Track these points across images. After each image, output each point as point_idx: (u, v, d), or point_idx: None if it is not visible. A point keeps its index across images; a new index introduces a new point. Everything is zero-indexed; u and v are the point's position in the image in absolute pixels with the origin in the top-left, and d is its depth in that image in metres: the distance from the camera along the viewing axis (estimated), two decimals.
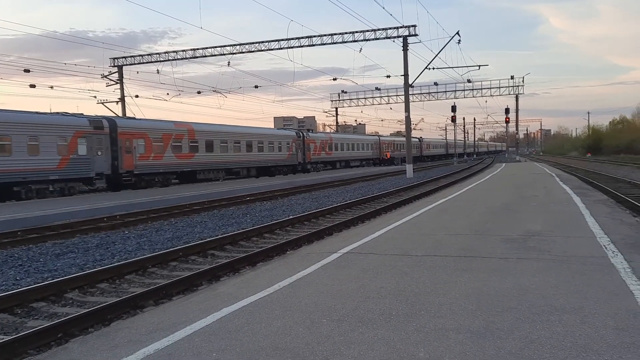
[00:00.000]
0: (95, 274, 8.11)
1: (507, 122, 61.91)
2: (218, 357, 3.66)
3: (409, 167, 35.50)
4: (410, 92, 36.73)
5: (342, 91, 59.49)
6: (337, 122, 64.72)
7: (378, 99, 57.09)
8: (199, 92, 43.45)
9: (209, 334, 4.17)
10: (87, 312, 6.17)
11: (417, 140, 76.00)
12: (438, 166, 59.29)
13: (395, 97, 55.44)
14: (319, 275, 6.06)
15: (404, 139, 69.71)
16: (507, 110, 58.74)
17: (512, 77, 54.81)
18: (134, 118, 29.38)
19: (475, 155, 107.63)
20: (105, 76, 40.05)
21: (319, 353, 3.65)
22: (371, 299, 4.92)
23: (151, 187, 26.93)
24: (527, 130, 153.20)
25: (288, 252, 9.28)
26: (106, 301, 6.85)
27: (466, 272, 5.86)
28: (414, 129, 79.55)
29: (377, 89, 55.90)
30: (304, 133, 44.22)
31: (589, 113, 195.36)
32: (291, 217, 14.57)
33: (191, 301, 5.35)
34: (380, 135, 67.76)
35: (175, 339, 4.10)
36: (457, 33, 34.51)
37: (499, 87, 53.44)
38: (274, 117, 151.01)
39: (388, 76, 58.15)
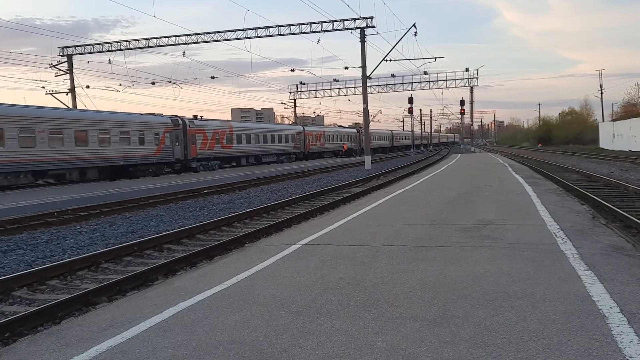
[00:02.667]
0: (45, 270, 7.83)
1: (462, 113, 63.33)
2: (174, 353, 3.58)
3: (367, 159, 35.80)
4: (368, 84, 36.98)
5: (301, 82, 59.28)
6: (295, 114, 64.54)
7: (336, 91, 57.23)
8: (153, 83, 42.54)
9: (164, 329, 4.08)
10: (36, 311, 5.95)
11: (354, 131, 68.53)
12: (396, 157, 59.88)
13: (353, 88, 55.67)
14: (277, 267, 6.02)
15: (337, 129, 65.01)
16: (462, 102, 60.04)
17: (467, 70, 55.34)
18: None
19: (431, 147, 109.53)
20: (54, 66, 38.60)
21: (277, 345, 3.62)
22: (330, 290, 4.92)
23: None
24: (481, 121, 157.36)
25: (246, 244, 9.21)
26: (56, 299, 6.63)
27: (423, 261, 5.94)
28: (372, 120, 79.99)
29: (335, 80, 56.02)
30: (186, 120, 33.07)
31: (539, 105, 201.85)
32: (249, 209, 14.45)
33: (146, 296, 5.23)
34: (307, 125, 58.70)
35: (129, 335, 3.99)
36: (414, 25, 34.97)
37: (455, 79, 54.40)
38: (232, 109, 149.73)
39: (346, 68, 58.33)
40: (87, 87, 40.74)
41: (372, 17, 34.20)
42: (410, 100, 53.46)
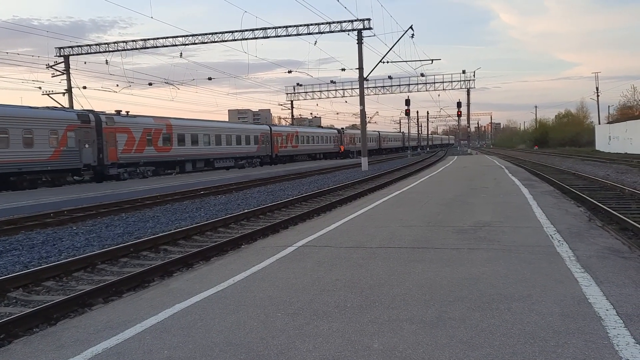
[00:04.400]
0: (40, 271, 7.80)
1: (459, 115, 63.31)
2: (170, 355, 3.57)
3: (364, 160, 35.81)
4: (365, 86, 36.94)
5: (298, 84, 59.25)
6: (292, 115, 64.56)
7: (333, 92, 57.26)
8: (150, 84, 42.38)
9: (160, 331, 4.07)
10: (32, 312, 5.93)
11: (335, 132, 63.60)
12: (393, 159, 59.85)
13: (350, 90, 55.69)
14: (273, 269, 6.01)
15: (314, 129, 59.27)
16: (459, 104, 59.98)
17: (463, 72, 55.22)
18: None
19: (428, 149, 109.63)
20: (51, 66, 38.48)
21: (273, 347, 3.61)
22: (326, 292, 4.92)
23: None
24: (478, 123, 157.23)
25: (243, 246, 9.19)
26: (52, 300, 6.60)
27: (419, 263, 5.94)
28: (369, 122, 79.97)
29: (332, 82, 55.98)
30: (102, 116, 27.07)
31: (536, 107, 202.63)
32: (246, 210, 14.43)
33: (142, 298, 5.21)
34: (274, 125, 52.41)
35: (125, 337, 3.97)
36: (411, 27, 34.95)
37: (451, 81, 54.52)
38: (229, 110, 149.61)
39: (343, 69, 58.72)
40: (84, 87, 40.89)
41: (369, 19, 34.24)
42: (407, 102, 53.36)
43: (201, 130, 35.25)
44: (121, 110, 29.68)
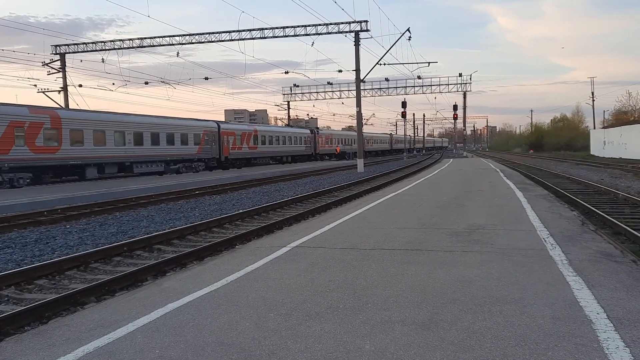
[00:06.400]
0: (33, 270, 7.78)
1: (455, 118, 63.48)
2: (161, 354, 3.57)
3: (359, 162, 35.83)
4: (361, 87, 36.98)
5: (295, 85, 59.17)
6: (289, 116, 64.54)
7: (330, 94, 57.27)
8: (146, 83, 42.25)
9: (152, 330, 4.06)
10: (23, 310, 5.91)
11: (307, 132, 56.66)
12: (388, 161, 59.90)
13: (347, 91, 55.76)
14: (267, 269, 6.01)
15: (281, 129, 51.86)
16: (455, 107, 60.17)
17: (460, 75, 55.30)
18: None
19: (424, 151, 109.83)
20: (47, 64, 38.35)
21: (265, 347, 3.61)
22: (319, 293, 4.92)
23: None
24: (474, 126, 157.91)
25: (237, 246, 9.19)
26: (44, 298, 6.58)
27: (413, 265, 5.95)
28: (365, 124, 79.91)
29: (329, 83, 55.93)
30: None
31: (532, 111, 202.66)
32: (241, 211, 14.42)
33: (135, 297, 5.20)
34: (224, 122, 42.60)
35: (117, 336, 3.96)
36: (408, 30, 34.98)
37: (448, 84, 54.68)
38: (225, 110, 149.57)
39: (340, 71, 58.76)
40: (80, 86, 40.57)
41: (366, 21, 34.26)
42: (404, 105, 53.49)
43: (110, 125, 27.65)
44: None
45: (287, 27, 35.18)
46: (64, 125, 24.98)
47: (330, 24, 34.49)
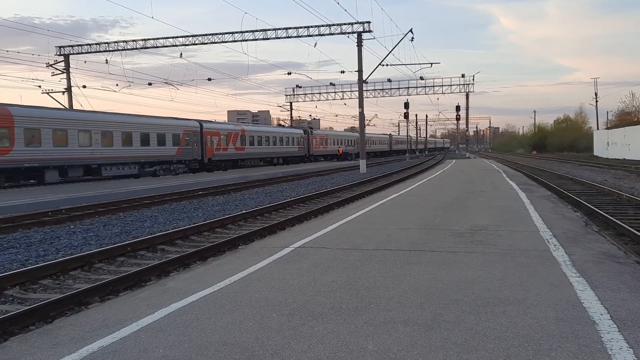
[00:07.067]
0: (37, 269, 7.81)
1: (457, 119, 63.37)
2: (165, 354, 3.59)
3: (362, 163, 35.84)
4: (364, 88, 36.96)
5: (297, 86, 59.11)
6: (291, 117, 64.55)
7: (332, 95, 57.19)
8: (150, 84, 42.31)
9: (156, 330, 4.08)
10: (28, 310, 5.93)
11: (300, 132, 53.92)
12: (391, 162, 59.83)
13: (349, 92, 55.64)
14: (270, 269, 6.03)
15: (269, 128, 49.97)
16: (457, 108, 60.09)
17: (463, 76, 55.06)
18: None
19: (426, 152, 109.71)
20: (51, 65, 38.48)
21: (268, 347, 3.63)
22: (322, 293, 4.93)
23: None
24: (476, 127, 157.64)
25: (240, 246, 9.21)
26: (49, 298, 6.61)
27: (416, 265, 5.96)
28: (368, 124, 79.76)
29: (331, 84, 55.94)
30: None
31: (535, 112, 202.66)
32: (244, 211, 14.44)
33: (139, 297, 5.22)
34: (208, 121, 38.26)
35: (121, 335, 3.98)
36: (410, 30, 34.98)
37: (451, 85, 54.50)
38: (228, 111, 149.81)
39: (342, 72, 58.83)
40: (84, 87, 40.77)
41: (369, 22, 34.28)
42: (406, 105, 53.48)
43: (73, 123, 25.35)
44: None
45: (290, 28, 35.21)
46: (16, 124, 22.69)
47: (333, 24, 34.52)
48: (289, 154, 49.68)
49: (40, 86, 38.05)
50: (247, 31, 35.08)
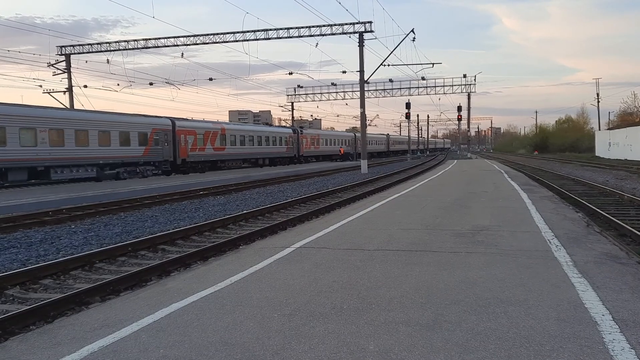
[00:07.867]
0: (38, 269, 7.81)
1: (459, 119, 63.28)
2: (165, 354, 3.58)
3: (363, 163, 35.82)
4: (365, 88, 36.94)
5: (299, 86, 59.12)
6: (292, 117, 64.56)
7: (334, 95, 57.19)
8: (151, 84, 42.37)
9: (156, 330, 4.07)
10: (29, 309, 5.93)
11: (289, 131, 50.69)
12: (392, 162, 59.77)
13: (351, 92, 55.66)
14: (271, 269, 6.02)
15: (257, 127, 47.18)
16: (459, 108, 59.98)
17: (464, 76, 55.16)
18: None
19: (428, 152, 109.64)
20: (52, 65, 38.51)
21: (269, 347, 3.62)
22: (323, 293, 4.92)
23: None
24: (478, 128, 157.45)
25: (241, 246, 9.21)
26: (49, 298, 6.60)
27: (417, 266, 5.94)
28: (369, 124, 79.66)
29: (333, 84, 55.93)
30: None
31: (536, 112, 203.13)
32: (245, 211, 14.43)
33: (139, 297, 5.21)
34: (182, 119, 34.90)
35: (121, 335, 3.98)
36: (412, 31, 34.96)
37: (452, 85, 54.49)
38: (229, 111, 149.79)
39: (344, 72, 59.08)
40: (85, 86, 40.87)
41: (370, 22, 34.26)
42: (408, 106, 53.41)
43: (12, 120, 22.02)
44: None
45: (292, 28, 35.21)
46: None
47: (335, 24, 34.51)
48: (276, 155, 46.49)
49: (41, 86, 38.07)
50: (248, 31, 35.10)
